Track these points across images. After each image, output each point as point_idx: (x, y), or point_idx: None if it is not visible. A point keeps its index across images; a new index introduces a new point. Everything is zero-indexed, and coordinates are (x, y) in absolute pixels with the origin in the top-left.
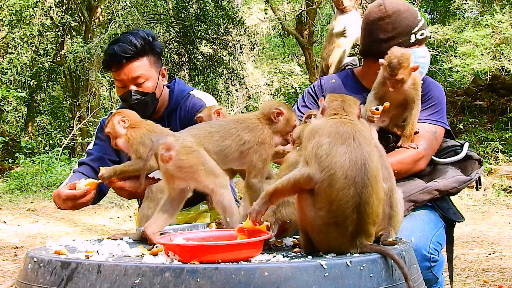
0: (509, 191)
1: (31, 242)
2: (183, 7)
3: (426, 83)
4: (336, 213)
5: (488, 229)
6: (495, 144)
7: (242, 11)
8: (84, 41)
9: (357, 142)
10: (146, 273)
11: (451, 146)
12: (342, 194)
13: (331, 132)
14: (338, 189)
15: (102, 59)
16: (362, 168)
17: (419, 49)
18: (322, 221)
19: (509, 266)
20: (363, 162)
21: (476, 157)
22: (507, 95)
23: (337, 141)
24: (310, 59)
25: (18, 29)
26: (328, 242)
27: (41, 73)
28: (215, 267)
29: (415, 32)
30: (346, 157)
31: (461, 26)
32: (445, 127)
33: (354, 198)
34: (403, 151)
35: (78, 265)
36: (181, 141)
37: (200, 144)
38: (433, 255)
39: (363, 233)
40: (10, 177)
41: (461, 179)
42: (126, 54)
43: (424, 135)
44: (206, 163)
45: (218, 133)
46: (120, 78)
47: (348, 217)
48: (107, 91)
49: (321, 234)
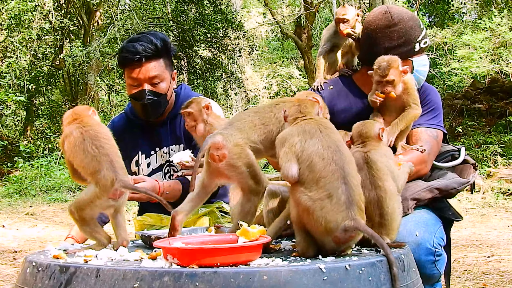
0: (508, 194)
1: (29, 246)
2: (182, 11)
3: (423, 88)
4: (326, 187)
5: (487, 232)
6: (494, 148)
7: (240, 14)
8: (83, 45)
9: (325, 133)
10: (145, 277)
11: (449, 151)
12: (325, 171)
13: (299, 132)
14: (320, 169)
15: (120, 56)
16: (336, 150)
17: (421, 57)
18: (314, 199)
19: (508, 269)
20: (336, 145)
21: (471, 161)
22: (506, 98)
23: (306, 137)
24: (308, 63)
25: (17, 33)
26: (324, 217)
27: (40, 77)
28: (214, 271)
29: (419, 41)
30: (319, 145)
31: (459, 30)
32: (444, 131)
33: (338, 171)
34: (407, 154)
35: (77, 270)
36: (232, 139)
37: (248, 138)
38: (437, 249)
39: (355, 204)
40: (9, 181)
41: (460, 180)
42: (147, 53)
43: (427, 139)
44: (253, 165)
45: (260, 120)
46: (137, 76)
47: (338, 187)
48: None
49: (316, 211)
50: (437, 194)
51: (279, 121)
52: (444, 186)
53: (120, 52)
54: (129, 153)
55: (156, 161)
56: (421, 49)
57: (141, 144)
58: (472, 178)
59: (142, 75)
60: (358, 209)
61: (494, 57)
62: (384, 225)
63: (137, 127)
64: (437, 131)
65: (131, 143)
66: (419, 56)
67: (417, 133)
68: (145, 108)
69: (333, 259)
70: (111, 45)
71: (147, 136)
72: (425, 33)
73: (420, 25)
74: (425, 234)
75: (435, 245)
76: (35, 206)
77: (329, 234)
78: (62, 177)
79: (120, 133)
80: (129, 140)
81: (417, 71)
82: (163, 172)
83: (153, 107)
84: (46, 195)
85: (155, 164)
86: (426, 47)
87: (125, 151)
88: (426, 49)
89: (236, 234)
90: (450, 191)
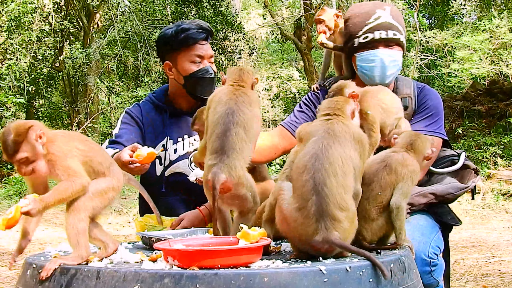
0: (508, 196)
1: (30, 248)
2: (181, 13)
3: (423, 92)
4: (298, 198)
5: (487, 233)
6: (494, 149)
7: (240, 16)
8: (83, 46)
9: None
10: (145, 279)
11: (448, 156)
12: (299, 180)
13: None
14: (296, 177)
15: (185, 34)
16: (316, 157)
17: (366, 53)
18: (290, 210)
19: (509, 270)
20: (320, 150)
21: (472, 166)
22: (506, 100)
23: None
24: (308, 64)
25: (17, 34)
26: (297, 229)
27: (39, 78)
28: (215, 273)
29: (358, 36)
30: (308, 149)
31: (459, 31)
32: (443, 137)
33: (309, 181)
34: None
35: (77, 271)
36: (234, 173)
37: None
38: (433, 259)
39: (328, 216)
40: (9, 183)
41: (457, 185)
42: (209, 33)
43: None
44: (252, 187)
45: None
46: (200, 53)
47: (308, 199)
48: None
49: (291, 222)
50: (432, 199)
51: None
52: (440, 192)
53: (181, 31)
54: (157, 137)
55: (183, 148)
56: (361, 44)
57: (169, 130)
58: (472, 183)
59: (205, 52)
60: (331, 220)
61: (494, 58)
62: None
63: (165, 113)
64: (433, 138)
65: (159, 128)
66: (365, 52)
67: None
68: (205, 84)
69: (333, 260)
70: (111, 47)
71: (176, 122)
72: (372, 27)
73: (369, 19)
74: (420, 245)
75: (431, 255)
76: None
77: (306, 245)
78: None
79: (150, 117)
80: (158, 124)
81: (360, 67)
82: (188, 160)
83: (212, 83)
84: None
85: (182, 151)
86: (370, 42)
87: (154, 134)
88: (374, 43)
89: (237, 237)
90: (446, 196)
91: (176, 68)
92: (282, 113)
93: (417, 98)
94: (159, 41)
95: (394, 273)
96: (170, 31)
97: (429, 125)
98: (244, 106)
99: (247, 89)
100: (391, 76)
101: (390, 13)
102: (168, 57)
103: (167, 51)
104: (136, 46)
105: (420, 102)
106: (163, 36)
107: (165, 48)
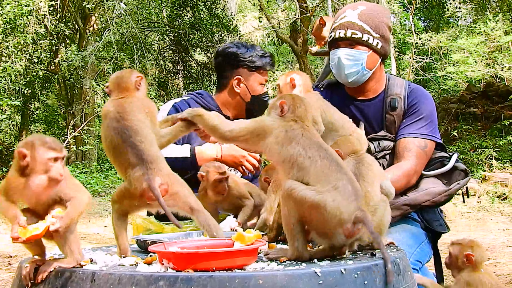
0: (503, 198)
1: (25, 251)
2: (177, 15)
3: (415, 94)
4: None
5: (483, 236)
6: (489, 151)
7: (236, 19)
8: (78, 49)
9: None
10: (140, 282)
11: (439, 158)
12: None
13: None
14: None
15: (267, 60)
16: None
17: (331, 52)
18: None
19: (504, 272)
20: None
21: (461, 167)
22: (501, 102)
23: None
24: (304, 67)
25: (12, 37)
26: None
27: (35, 81)
28: (210, 275)
29: (330, 36)
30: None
31: (454, 34)
32: (436, 140)
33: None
34: (395, 169)
35: (72, 274)
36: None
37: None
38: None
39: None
40: None
41: (434, 191)
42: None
43: (414, 150)
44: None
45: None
46: (266, 78)
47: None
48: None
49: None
50: (407, 209)
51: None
52: (414, 201)
53: (263, 57)
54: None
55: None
56: (329, 44)
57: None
58: (457, 185)
59: (267, 78)
60: (362, 201)
61: (489, 61)
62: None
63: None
64: (425, 141)
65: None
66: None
67: (404, 143)
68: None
69: (328, 263)
70: (106, 49)
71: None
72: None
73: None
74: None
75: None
76: None
77: (341, 225)
78: None
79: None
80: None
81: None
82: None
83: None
84: None
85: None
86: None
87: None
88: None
89: (232, 239)
90: (424, 204)
91: (246, 86)
92: None
93: (407, 98)
94: (233, 56)
95: (389, 275)
96: (249, 51)
97: (421, 128)
98: (130, 116)
99: (128, 97)
100: (352, 75)
101: (359, 12)
102: (242, 73)
103: (241, 67)
104: (131, 48)
105: (410, 104)
106: (240, 54)
107: (240, 64)
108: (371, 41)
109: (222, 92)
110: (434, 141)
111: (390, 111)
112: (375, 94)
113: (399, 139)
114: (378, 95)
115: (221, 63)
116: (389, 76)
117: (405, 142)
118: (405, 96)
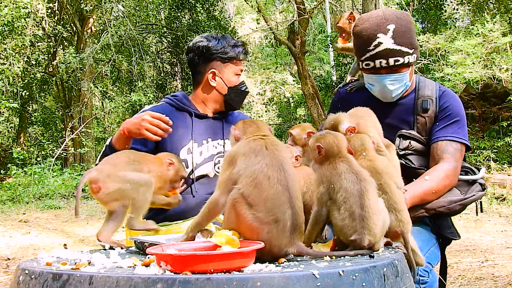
0: (501, 200)
1: (22, 253)
2: (175, 17)
3: (446, 97)
4: (273, 210)
5: (481, 237)
6: (487, 153)
7: (234, 21)
8: (76, 51)
9: (270, 151)
10: (138, 284)
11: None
12: (271, 192)
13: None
14: (265, 188)
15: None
16: (280, 169)
17: (369, 75)
18: (262, 222)
19: (502, 274)
20: (281, 164)
21: (480, 181)
22: (499, 104)
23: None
24: (302, 69)
25: (10, 39)
26: (269, 240)
27: (33, 83)
28: (207, 278)
29: (362, 61)
30: (263, 163)
31: (452, 35)
32: (468, 144)
33: (284, 193)
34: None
35: (70, 277)
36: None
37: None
38: (423, 276)
39: (298, 230)
40: (2, 188)
41: (450, 198)
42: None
43: (452, 152)
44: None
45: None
46: (241, 68)
47: (285, 211)
48: (99, 102)
49: (262, 234)
50: (423, 213)
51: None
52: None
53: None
54: (182, 139)
55: (207, 150)
56: (364, 69)
57: (194, 132)
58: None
59: (242, 68)
60: (299, 234)
61: (487, 62)
62: (365, 217)
63: (191, 116)
64: (461, 145)
65: (185, 130)
66: (366, 74)
67: (442, 145)
68: (243, 96)
69: (326, 264)
70: (104, 51)
71: (200, 126)
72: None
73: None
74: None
75: (421, 273)
76: (28, 213)
77: (269, 255)
78: (55, 184)
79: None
80: (184, 127)
81: (366, 83)
82: (213, 163)
83: (245, 96)
84: (40, 202)
85: (207, 153)
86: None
87: (179, 137)
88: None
89: (219, 244)
90: (438, 209)
91: (222, 78)
92: (276, 117)
93: (438, 101)
94: (205, 49)
95: (387, 277)
96: (220, 43)
97: (456, 131)
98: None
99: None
100: (398, 95)
101: (392, 35)
102: (216, 66)
103: (215, 60)
104: (129, 50)
105: (442, 106)
106: (211, 46)
107: (213, 57)
108: (411, 59)
109: (198, 88)
110: (466, 145)
111: (422, 112)
112: (404, 94)
113: (436, 141)
114: (407, 95)
115: (193, 59)
116: (419, 78)
117: (443, 144)
118: (436, 98)
